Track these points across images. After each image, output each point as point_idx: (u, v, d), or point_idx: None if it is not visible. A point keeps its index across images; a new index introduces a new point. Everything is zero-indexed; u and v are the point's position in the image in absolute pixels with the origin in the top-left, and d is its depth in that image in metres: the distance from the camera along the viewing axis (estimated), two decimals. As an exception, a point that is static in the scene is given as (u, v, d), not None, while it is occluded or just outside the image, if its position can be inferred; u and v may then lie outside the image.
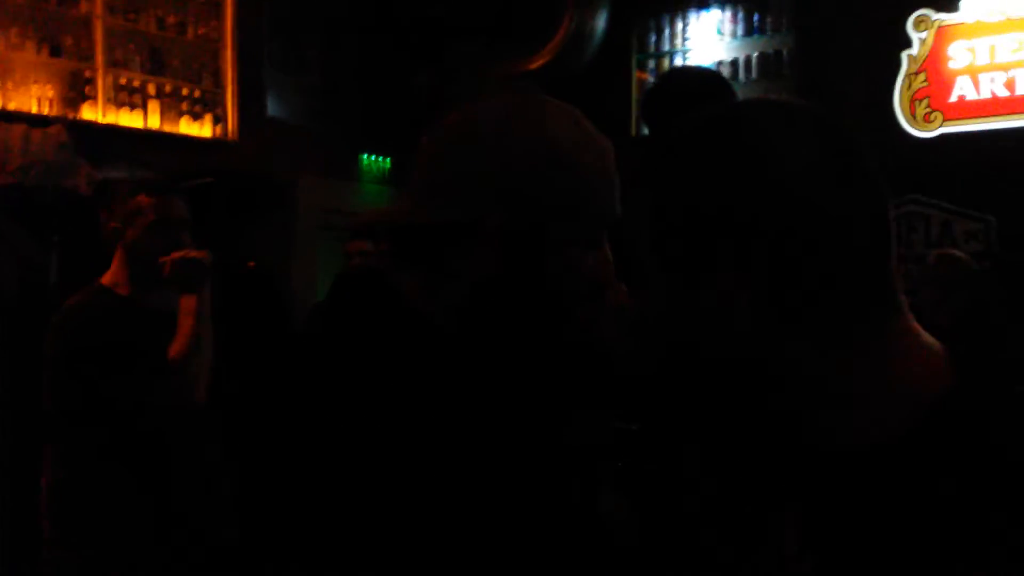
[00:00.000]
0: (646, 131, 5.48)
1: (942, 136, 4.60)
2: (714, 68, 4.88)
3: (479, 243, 1.07)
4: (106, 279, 2.34)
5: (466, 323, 1.11)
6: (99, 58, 4.43)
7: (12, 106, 4.11)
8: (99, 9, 4.43)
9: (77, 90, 4.37)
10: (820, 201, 0.77)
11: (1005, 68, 4.48)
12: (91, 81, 4.41)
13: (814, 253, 0.76)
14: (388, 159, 5.95)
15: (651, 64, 5.63)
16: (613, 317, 1.16)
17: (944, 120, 4.59)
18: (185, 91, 4.80)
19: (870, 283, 0.79)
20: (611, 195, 1.14)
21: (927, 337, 0.83)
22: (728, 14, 5.33)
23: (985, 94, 4.51)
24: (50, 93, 4.27)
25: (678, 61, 5.49)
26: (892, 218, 0.81)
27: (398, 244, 1.16)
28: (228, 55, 5.01)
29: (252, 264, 2.64)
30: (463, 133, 1.12)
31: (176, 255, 2.25)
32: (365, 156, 5.86)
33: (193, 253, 2.28)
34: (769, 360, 0.81)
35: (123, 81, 4.53)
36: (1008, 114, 4.45)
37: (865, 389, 0.79)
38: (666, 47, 5.55)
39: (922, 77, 4.65)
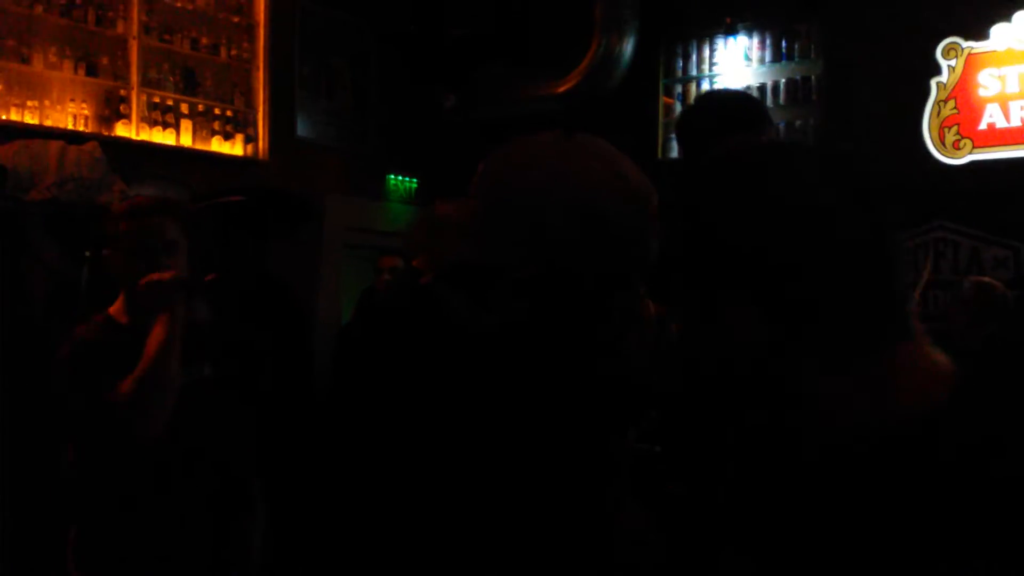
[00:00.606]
0: (676, 153, 5.51)
1: (971, 163, 4.58)
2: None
3: (512, 289, 1.12)
4: (112, 308, 2.28)
5: (500, 352, 1.17)
6: (134, 77, 4.51)
7: (49, 123, 4.18)
8: (135, 30, 4.51)
9: (112, 108, 4.44)
10: (827, 234, 0.83)
11: (1035, 96, 4.46)
12: (126, 100, 4.48)
13: (821, 281, 0.83)
14: (414, 179, 5.99)
15: (678, 89, 5.65)
16: (646, 348, 1.19)
17: (974, 147, 4.57)
18: (217, 111, 4.87)
19: (875, 307, 0.84)
20: (648, 241, 1.17)
21: (933, 360, 0.87)
22: (756, 40, 5.35)
23: (1015, 122, 4.49)
24: (86, 111, 4.34)
25: (705, 86, 5.50)
26: (903, 247, 0.88)
27: (445, 272, 1.25)
28: (260, 76, 5.07)
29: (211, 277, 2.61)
30: (512, 178, 1.16)
31: (143, 280, 2.15)
32: (392, 176, 5.90)
33: (158, 276, 2.15)
34: (783, 378, 0.86)
35: (156, 100, 4.61)
36: (1038, 142, 4.43)
37: (863, 406, 0.84)
38: (693, 72, 5.57)
39: (951, 104, 4.64)
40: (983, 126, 4.57)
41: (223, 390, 2.37)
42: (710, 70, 5.50)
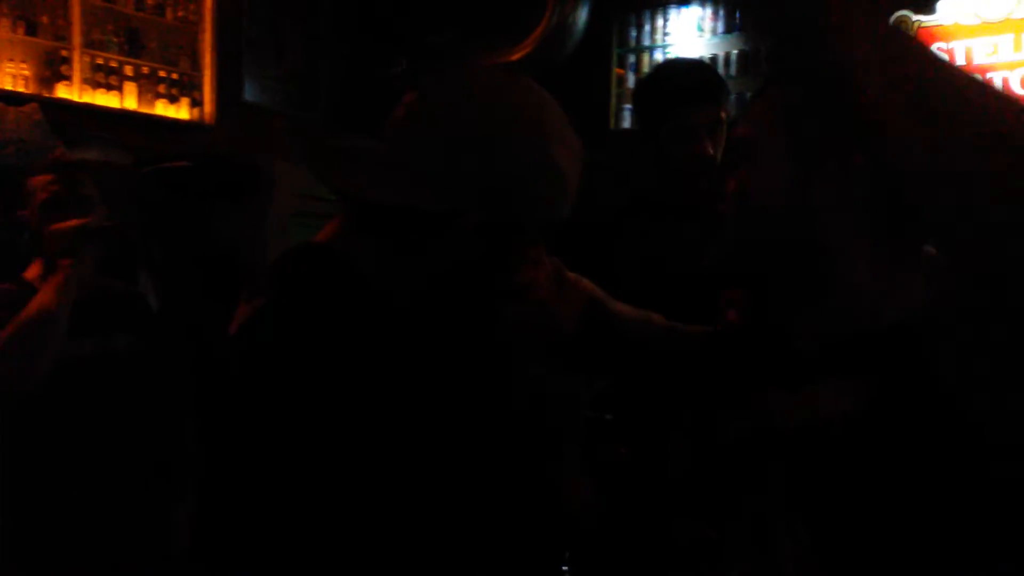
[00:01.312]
0: (628, 124, 5.51)
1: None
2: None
3: (456, 234, 1.07)
4: (28, 272, 2.16)
5: (423, 300, 1.13)
6: (76, 38, 4.38)
7: (-14, 83, 4.06)
8: (77, -12, 4.39)
9: (53, 69, 4.32)
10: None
11: (982, 71, 4.52)
12: (67, 61, 4.36)
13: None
14: (366, 147, 5.93)
15: (631, 59, 5.64)
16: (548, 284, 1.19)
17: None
18: (162, 73, 4.76)
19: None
20: (575, 194, 1.17)
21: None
22: (708, 11, 5.35)
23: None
24: (25, 72, 4.21)
25: (658, 57, 5.50)
26: None
27: (360, 215, 1.14)
28: (206, 38, 4.97)
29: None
30: (455, 122, 1.08)
31: (49, 227, 2.04)
32: (343, 144, 5.83)
33: (67, 223, 2.05)
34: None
35: (100, 61, 4.49)
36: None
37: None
38: (646, 42, 5.57)
39: (899, 77, 4.69)
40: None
41: (139, 364, 2.20)
42: (663, 40, 5.50)
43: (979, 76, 1.01)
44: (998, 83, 4.49)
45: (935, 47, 4.62)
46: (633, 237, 2.10)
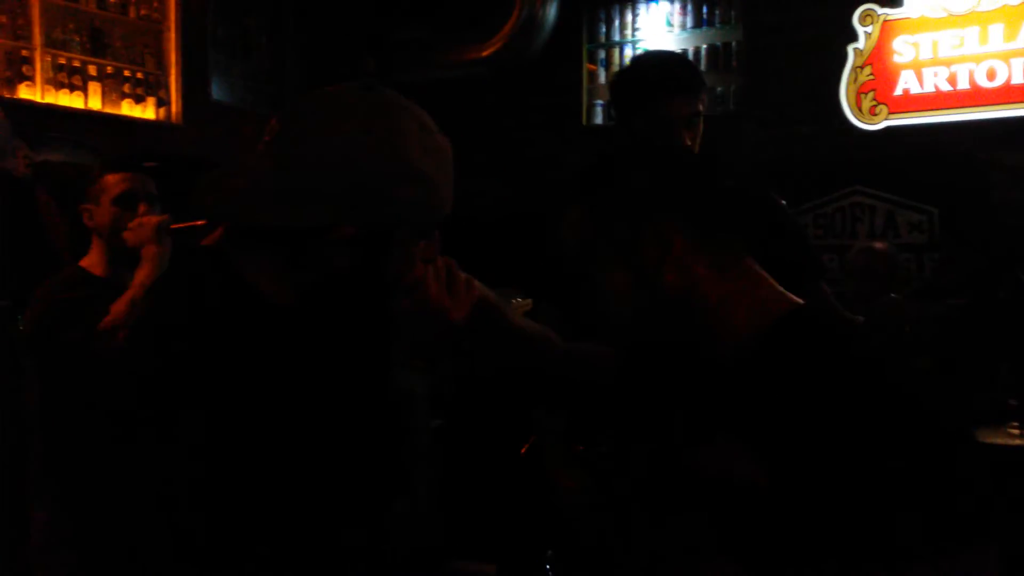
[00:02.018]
0: (600, 120, 5.51)
1: (887, 129, 4.67)
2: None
3: (330, 246, 1.16)
4: (84, 262, 2.41)
5: (307, 303, 1.23)
6: (37, 38, 4.29)
7: (-55, 84, 3.97)
8: (37, -14, 4.30)
9: (14, 70, 4.23)
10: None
11: (947, 63, 4.56)
12: (28, 61, 4.27)
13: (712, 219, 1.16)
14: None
15: (601, 54, 5.63)
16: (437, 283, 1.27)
17: (889, 113, 4.67)
18: (127, 73, 4.68)
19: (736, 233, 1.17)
20: (449, 194, 1.27)
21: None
22: (677, 6, 5.36)
23: (928, 88, 4.59)
24: (-15, 72, 4.13)
25: (628, 52, 5.50)
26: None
27: (242, 231, 1.22)
28: (172, 37, 4.89)
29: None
30: (314, 141, 1.15)
31: (133, 223, 2.32)
32: (312, 143, 5.78)
33: (148, 219, 2.33)
34: (692, 289, 1.14)
35: (62, 61, 4.40)
36: (950, 108, 4.54)
37: (740, 298, 1.14)
38: (616, 37, 5.56)
39: (868, 71, 4.72)
40: (898, 92, 4.66)
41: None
42: (632, 35, 5.50)
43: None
44: (964, 76, 4.52)
45: (901, 40, 4.66)
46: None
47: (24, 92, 4.23)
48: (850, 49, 4.75)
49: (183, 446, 1.12)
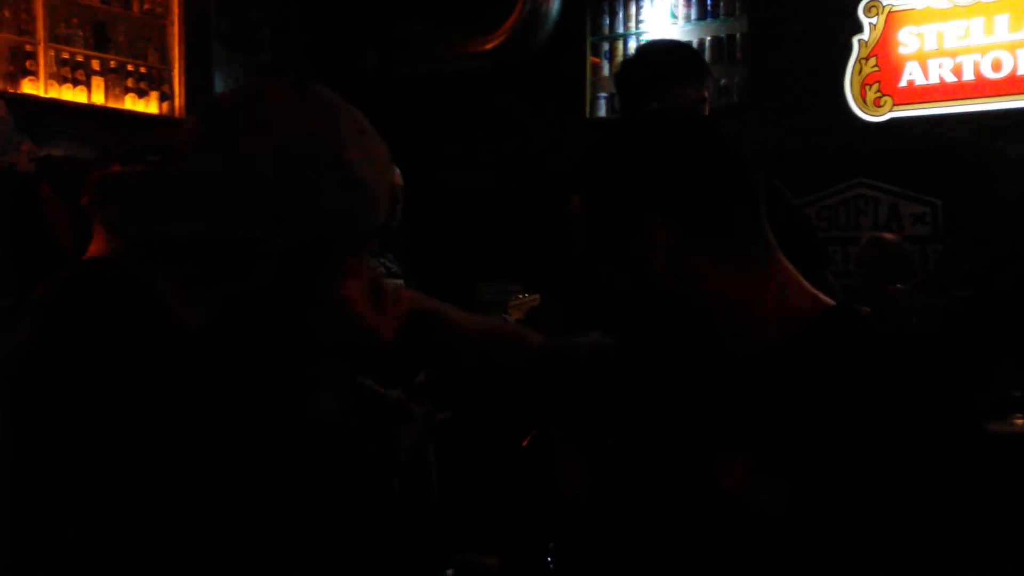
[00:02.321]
0: (604, 113, 5.50)
1: (891, 120, 4.66)
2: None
3: (256, 260, 1.04)
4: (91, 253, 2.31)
5: (223, 324, 1.09)
6: (40, 32, 4.30)
7: (-52, 80, 3.98)
8: (40, -19, 4.30)
9: (18, 64, 4.24)
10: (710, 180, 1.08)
11: (952, 54, 4.54)
12: (32, 56, 4.28)
13: (712, 204, 1.07)
14: (339, 140, 5.87)
15: (605, 47, 5.62)
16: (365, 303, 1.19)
17: (894, 104, 4.65)
18: (130, 67, 4.68)
19: (749, 224, 1.09)
20: (386, 202, 1.12)
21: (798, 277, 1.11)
22: (682, -2, 5.34)
23: (933, 79, 4.58)
24: (-11, 67, 4.14)
25: (632, 44, 5.48)
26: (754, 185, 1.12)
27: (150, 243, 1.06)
28: (175, 31, 4.90)
29: None
30: (249, 140, 1.02)
31: None
32: (316, 136, 5.78)
33: None
34: (689, 283, 1.06)
35: (65, 56, 4.41)
36: (955, 99, 4.52)
37: (757, 296, 1.06)
38: (620, 30, 5.54)
39: (872, 62, 4.70)
40: (903, 83, 4.64)
41: None
42: (637, 28, 5.48)
43: None
44: (969, 67, 4.50)
45: (906, 31, 4.64)
46: None
47: (27, 87, 4.24)
48: (855, 40, 4.73)
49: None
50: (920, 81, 4.61)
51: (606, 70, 5.57)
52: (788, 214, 2.09)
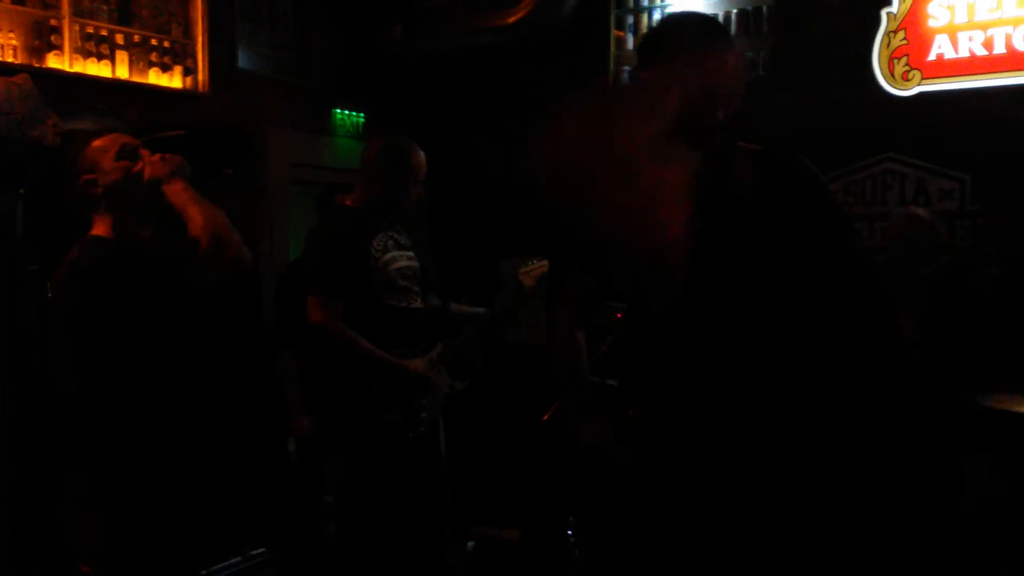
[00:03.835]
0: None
1: (920, 95, 4.59)
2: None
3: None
4: (97, 231, 2.39)
5: None
6: (65, 6, 4.31)
7: (-25, 54, 4.00)
8: (64, -45, 4.31)
9: (43, 39, 4.25)
10: None
11: (983, 27, 4.46)
12: (57, 30, 4.29)
13: None
14: (362, 114, 5.87)
15: (630, 20, 5.56)
16: None
17: (922, 79, 4.58)
18: (154, 41, 4.69)
19: None
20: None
21: None
22: (707, -30, 5.26)
23: (963, 53, 4.50)
24: (14, 41, 4.15)
25: (657, 16, 5.43)
26: None
27: None
28: (199, 5, 4.89)
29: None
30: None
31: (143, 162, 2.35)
32: (338, 111, 5.77)
33: (156, 156, 2.39)
34: None
35: (90, 30, 4.42)
36: (985, 73, 4.44)
37: None
38: (645, 3, 5.49)
39: (901, 35, 4.63)
40: (932, 57, 4.57)
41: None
42: (661, 1, 5.42)
43: None
44: (1000, 39, 4.42)
45: (936, 3, 4.56)
46: None
47: (52, 61, 4.26)
48: (883, 13, 4.66)
49: None
50: (950, 54, 4.53)
51: (630, 43, 5.52)
52: (809, 195, 2.05)
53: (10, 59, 4.10)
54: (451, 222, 5.72)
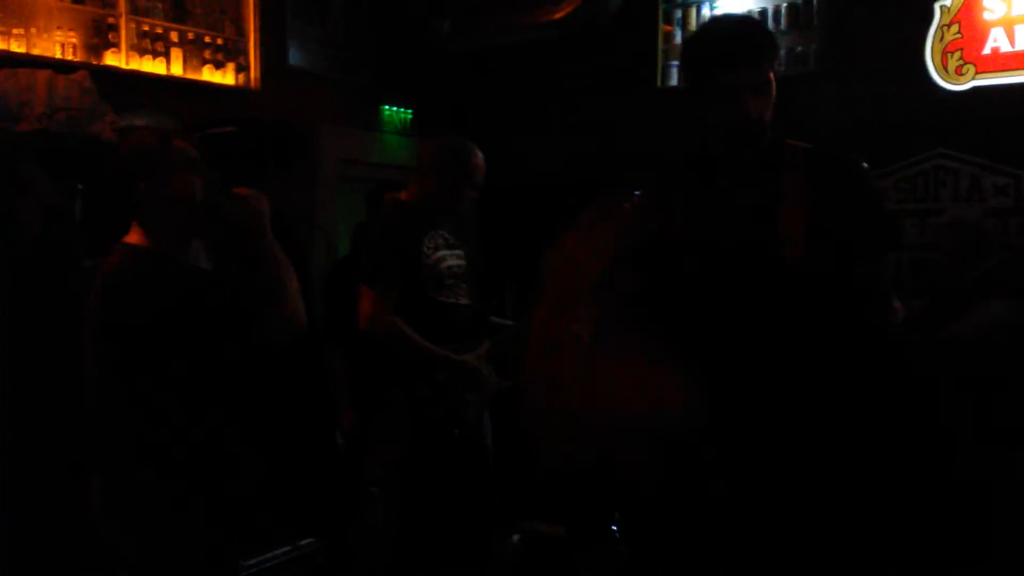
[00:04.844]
0: (675, 81, 5.43)
1: (974, 89, 4.51)
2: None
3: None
4: (132, 238, 2.25)
5: None
6: (122, 5, 4.41)
7: (36, 51, 4.10)
8: (121, -45, 4.40)
9: (101, 37, 4.35)
10: None
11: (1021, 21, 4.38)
12: (114, 28, 4.39)
13: None
14: (409, 110, 5.91)
15: (678, 15, 5.54)
16: None
17: (977, 73, 4.50)
18: (208, 39, 4.77)
19: None
20: None
21: None
22: (757, -37, 5.22)
23: (1020, 46, 4.42)
24: (73, 39, 4.25)
25: (705, 12, 5.40)
26: None
27: None
28: (251, 3, 4.97)
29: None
30: None
31: (234, 191, 2.24)
32: (386, 107, 5.82)
33: (250, 192, 2.24)
34: None
35: (146, 28, 4.51)
36: (1043, 67, 4.36)
37: None
38: (693, -2, 5.46)
39: (955, 29, 4.56)
40: (987, 51, 4.49)
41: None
42: (710, -5, 5.39)
43: None
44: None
45: (993, -4, 4.47)
46: (683, 197, 2.09)
47: (110, 59, 4.36)
48: (937, 7, 4.59)
49: None
50: (1005, 48, 4.45)
51: (678, 38, 5.49)
52: (852, 193, 2.04)
53: (70, 56, 4.20)
54: (494, 218, 5.75)
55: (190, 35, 4.69)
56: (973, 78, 4.51)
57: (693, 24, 5.41)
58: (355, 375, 4.00)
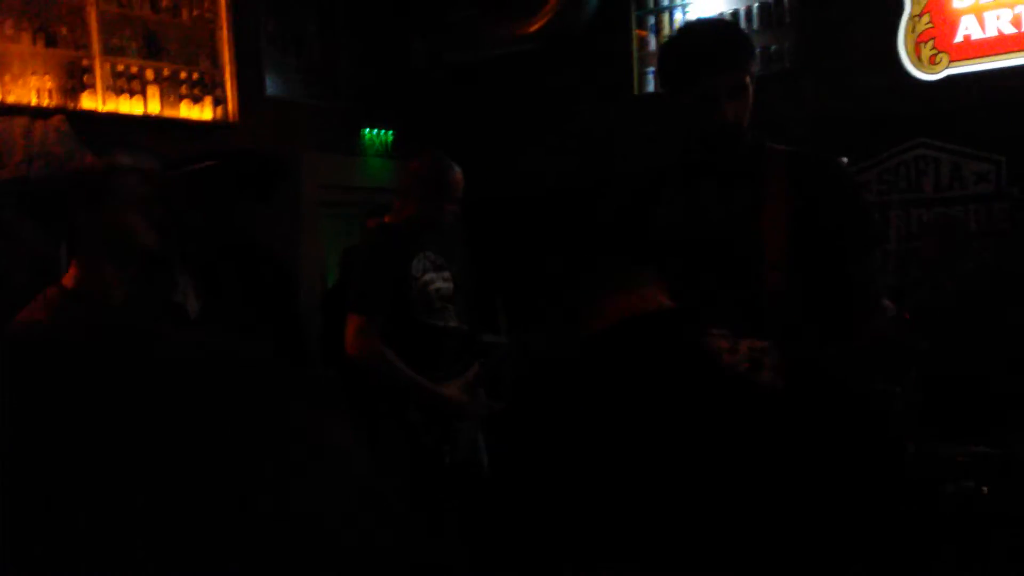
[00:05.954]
0: (652, 88, 5.45)
1: (948, 78, 4.53)
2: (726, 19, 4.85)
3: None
4: (69, 280, 2.08)
5: None
6: (95, 46, 4.41)
7: (11, 99, 4.09)
8: (91, -4, 4.40)
9: (76, 79, 4.35)
10: None
11: (1011, 4, 4.40)
12: (89, 70, 4.39)
13: None
14: (390, 132, 5.92)
15: (651, 20, 5.56)
16: None
17: (950, 61, 4.53)
18: (183, 74, 4.78)
19: None
20: None
21: None
22: (727, -35, 5.25)
23: (991, 32, 4.44)
24: (48, 84, 4.25)
25: (678, 16, 5.42)
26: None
27: None
28: (224, 35, 4.97)
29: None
30: None
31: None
32: (367, 130, 5.83)
33: None
34: None
35: (120, 68, 4.51)
36: (1015, 51, 4.38)
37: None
38: (665, 2, 5.48)
39: (926, 19, 4.58)
40: (959, 39, 4.51)
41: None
42: (682, -1, 5.41)
43: None
44: (1029, 15, 4.36)
45: (961, -16, 4.49)
46: (665, 202, 2.09)
47: (86, 101, 4.35)
48: (906, -2, 4.62)
49: None
50: (977, 35, 4.47)
51: (653, 44, 5.51)
52: (834, 193, 2.05)
53: (46, 102, 4.20)
54: (479, 231, 5.75)
55: (165, 71, 4.69)
56: (947, 66, 4.53)
57: (667, 29, 5.43)
58: (351, 401, 4.00)
